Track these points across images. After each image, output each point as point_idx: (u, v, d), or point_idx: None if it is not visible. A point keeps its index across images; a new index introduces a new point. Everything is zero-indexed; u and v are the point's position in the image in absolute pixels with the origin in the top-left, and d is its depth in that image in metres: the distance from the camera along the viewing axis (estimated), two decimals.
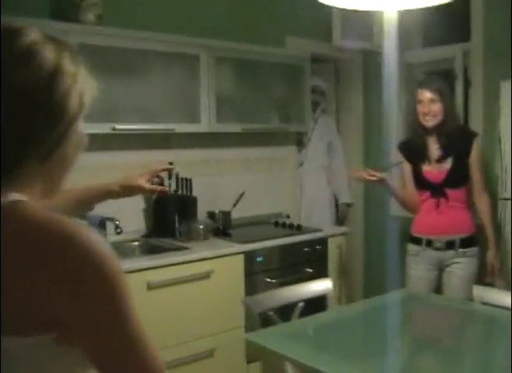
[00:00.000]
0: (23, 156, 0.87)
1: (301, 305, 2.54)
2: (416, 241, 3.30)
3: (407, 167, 3.37)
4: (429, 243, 3.24)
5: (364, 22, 4.21)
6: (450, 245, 3.20)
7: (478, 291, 2.57)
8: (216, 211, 3.74)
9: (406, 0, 2.07)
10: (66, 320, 0.83)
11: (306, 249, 3.63)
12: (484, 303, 2.51)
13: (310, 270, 3.60)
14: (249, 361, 3.34)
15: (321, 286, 2.67)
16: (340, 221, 4.80)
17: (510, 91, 3.40)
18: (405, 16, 3.20)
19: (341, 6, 2.25)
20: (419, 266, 3.28)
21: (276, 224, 4.00)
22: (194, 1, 3.74)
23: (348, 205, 4.81)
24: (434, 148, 3.24)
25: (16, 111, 0.85)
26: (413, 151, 3.32)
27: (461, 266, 3.20)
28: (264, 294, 2.55)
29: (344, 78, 4.87)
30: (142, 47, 3.21)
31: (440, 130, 3.20)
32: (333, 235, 3.80)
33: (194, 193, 3.64)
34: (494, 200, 3.55)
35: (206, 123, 3.47)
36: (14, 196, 0.87)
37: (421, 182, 3.30)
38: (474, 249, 3.22)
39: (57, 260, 0.82)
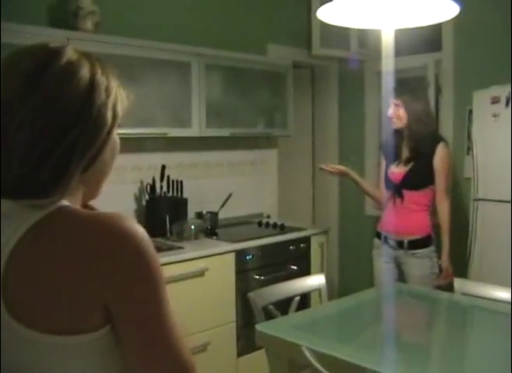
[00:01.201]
0: (68, 167, 0.93)
1: (297, 299, 2.74)
2: (378, 235, 3.59)
3: (383, 166, 3.63)
4: (385, 239, 3.51)
5: (342, 31, 4.42)
6: (399, 244, 3.44)
7: (459, 283, 2.81)
8: (204, 212, 3.92)
9: (401, 20, 2.28)
10: (116, 307, 0.92)
11: (290, 247, 3.84)
12: (464, 294, 2.76)
13: (295, 268, 3.81)
14: (239, 355, 3.53)
15: (315, 281, 2.89)
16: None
17: (480, 100, 3.66)
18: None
19: (337, 24, 2.44)
20: (381, 258, 3.55)
21: (260, 224, 4.19)
22: (185, 11, 3.91)
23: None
24: (404, 150, 3.48)
25: (60, 126, 0.92)
26: (388, 152, 3.56)
27: (413, 266, 3.42)
28: (265, 289, 2.74)
29: (320, 84, 5.09)
30: (137, 55, 3.35)
31: (407, 134, 3.43)
32: (315, 234, 4.02)
33: (186, 194, 3.80)
34: (466, 202, 3.83)
35: (197, 128, 3.64)
36: (61, 202, 0.95)
37: (386, 181, 3.56)
38: (425, 251, 3.40)
39: (109, 250, 0.91)
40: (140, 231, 0.97)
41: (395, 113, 3.42)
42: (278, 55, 4.41)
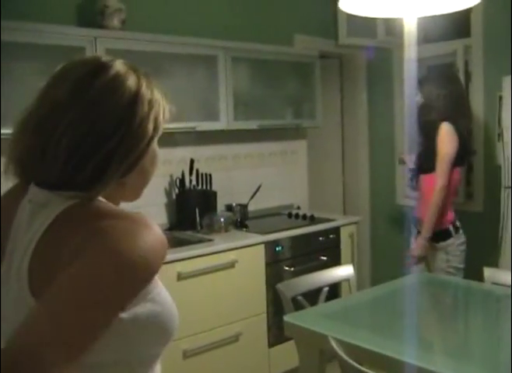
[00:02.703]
0: (106, 172, 0.99)
1: (326, 289, 2.76)
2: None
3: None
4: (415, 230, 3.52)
5: (369, 20, 4.40)
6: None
7: (489, 272, 2.79)
8: (234, 204, 3.95)
9: (425, 7, 2.27)
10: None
11: (320, 238, 3.85)
12: (494, 283, 2.74)
13: (325, 258, 3.83)
14: (271, 346, 3.57)
15: (344, 272, 2.90)
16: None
17: (510, 85, 3.62)
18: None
19: (360, 14, 2.43)
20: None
21: (289, 215, 4.22)
22: (210, 4, 3.94)
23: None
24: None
25: (102, 132, 0.98)
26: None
27: (432, 258, 3.45)
28: (294, 280, 2.77)
29: (348, 73, 5.07)
30: (163, 50, 3.40)
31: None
32: (345, 224, 4.02)
33: (215, 186, 3.84)
34: (497, 190, 3.78)
35: (225, 121, 3.67)
36: (96, 199, 1.02)
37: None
38: (444, 244, 3.41)
39: (85, 244, 0.91)
40: (158, 237, 0.97)
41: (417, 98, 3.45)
42: (305, 46, 4.41)
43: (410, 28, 3.45)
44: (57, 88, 1.02)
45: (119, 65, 1.05)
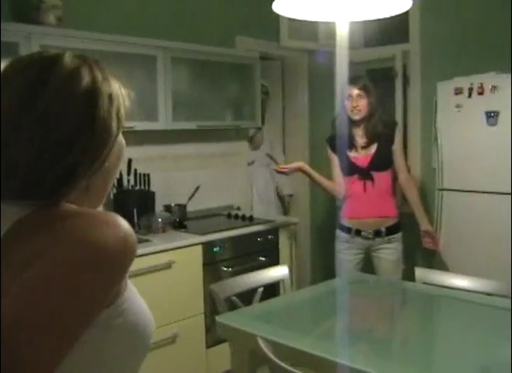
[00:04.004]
0: (74, 178, 0.92)
1: (261, 290, 2.78)
2: (345, 229, 3.58)
3: (334, 158, 3.66)
4: (357, 232, 3.53)
5: (310, 23, 4.45)
6: (377, 233, 3.50)
7: (420, 272, 2.86)
8: (172, 205, 3.94)
9: (357, 12, 2.31)
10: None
11: (259, 239, 3.87)
12: (425, 283, 2.81)
13: (264, 259, 3.85)
14: (208, 346, 3.57)
15: (279, 272, 2.92)
16: (285, 211, 5.11)
17: (444, 91, 3.72)
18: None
19: (293, 17, 2.46)
20: (348, 251, 3.58)
21: (229, 215, 4.23)
22: (150, 4, 3.91)
23: (290, 196, 5.13)
24: (360, 137, 3.54)
25: (65, 139, 0.90)
26: (341, 142, 3.58)
27: (388, 251, 3.52)
28: (228, 280, 2.78)
29: (290, 76, 5.12)
30: (101, 49, 3.34)
31: (365, 122, 3.51)
32: (284, 225, 4.05)
33: (154, 187, 3.82)
34: (431, 192, 3.88)
35: (163, 121, 3.66)
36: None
37: (349, 167, 3.57)
38: (399, 235, 3.54)
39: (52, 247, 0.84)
40: (110, 241, 0.86)
41: (357, 103, 3.46)
42: (247, 47, 4.42)
43: (342, 32, 3.50)
44: (4, 98, 0.91)
45: (68, 60, 0.94)
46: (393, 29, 4.46)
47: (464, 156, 3.63)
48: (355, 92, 3.46)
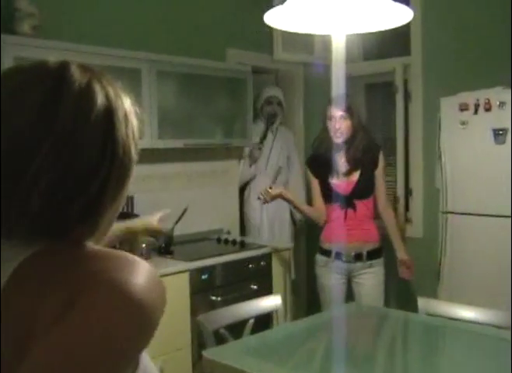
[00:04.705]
0: (98, 210, 0.87)
1: (252, 321, 2.74)
2: (325, 253, 3.62)
3: (314, 182, 3.67)
4: (338, 255, 3.56)
5: (306, 35, 4.46)
6: (358, 257, 3.53)
7: (423, 303, 2.83)
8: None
9: (354, 25, 2.30)
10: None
11: (250, 266, 3.84)
12: (429, 314, 2.78)
13: (255, 287, 3.81)
14: None
15: (271, 302, 2.88)
16: (296, 235, 5.02)
17: (448, 107, 3.71)
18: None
19: (286, 29, 2.45)
20: (329, 275, 3.60)
21: (218, 240, 4.20)
22: (133, 14, 3.90)
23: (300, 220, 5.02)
24: (342, 162, 3.56)
25: (86, 171, 0.84)
26: (322, 166, 3.60)
27: (369, 276, 3.56)
28: (217, 311, 2.74)
29: (284, 90, 5.11)
30: (81, 61, 3.31)
31: (348, 146, 3.53)
32: (277, 251, 4.02)
33: (138, 209, 3.78)
34: (435, 214, 3.87)
35: (149, 139, 3.63)
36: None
37: (330, 194, 3.59)
38: (380, 260, 3.57)
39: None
40: (146, 290, 0.82)
41: (339, 125, 3.47)
42: (239, 60, 4.43)
43: (338, 45, 3.51)
44: (11, 120, 0.83)
45: (77, 73, 0.88)
46: (393, 42, 4.47)
47: (471, 176, 3.61)
48: (339, 113, 3.47)
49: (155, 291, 0.85)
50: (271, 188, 3.65)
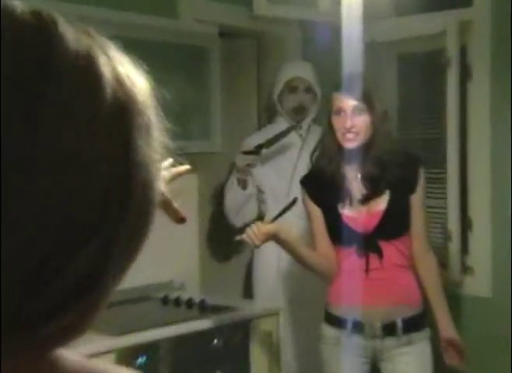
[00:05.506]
0: (96, 287, 0.75)
1: None
2: (336, 322, 3.55)
3: (315, 212, 3.60)
4: (356, 327, 3.48)
5: None
6: (389, 329, 3.46)
7: None
8: None
9: None
10: None
11: (215, 341, 3.87)
12: None
13: None
14: None
15: None
16: None
17: None
18: None
19: None
20: (342, 359, 3.53)
21: (165, 300, 4.25)
22: None
23: None
24: (357, 182, 3.48)
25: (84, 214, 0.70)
26: (325, 188, 3.55)
27: (408, 358, 3.48)
28: None
29: (271, 63, 5.13)
30: None
31: (365, 155, 3.43)
32: (258, 316, 4.08)
33: None
34: (506, 264, 3.92)
35: None
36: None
37: (340, 232, 3.49)
38: (424, 333, 3.53)
39: None
40: None
41: (352, 123, 3.39)
42: (199, 17, 4.47)
43: None
44: None
45: (72, 39, 0.70)
46: None
47: None
48: (351, 103, 3.40)
49: None
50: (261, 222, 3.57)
